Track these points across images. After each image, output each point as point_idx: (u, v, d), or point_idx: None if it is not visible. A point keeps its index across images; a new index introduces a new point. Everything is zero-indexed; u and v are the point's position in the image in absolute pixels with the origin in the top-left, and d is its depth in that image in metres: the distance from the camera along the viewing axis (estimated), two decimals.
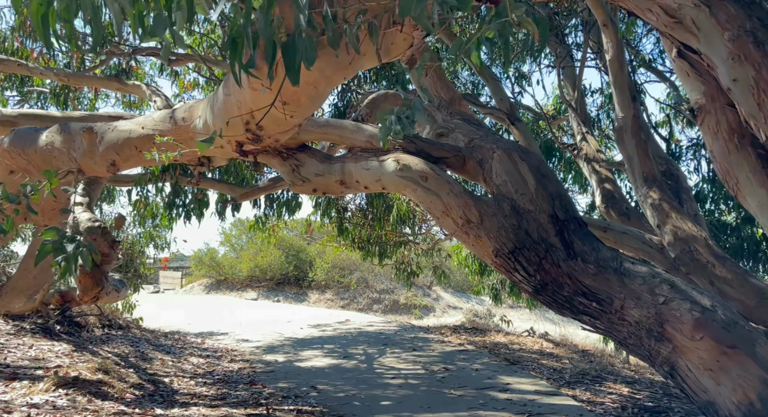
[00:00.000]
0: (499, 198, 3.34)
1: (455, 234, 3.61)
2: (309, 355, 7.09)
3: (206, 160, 5.37)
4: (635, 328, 2.81)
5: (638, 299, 2.84)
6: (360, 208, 9.92)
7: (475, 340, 8.06)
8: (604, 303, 2.96)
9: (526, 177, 3.56)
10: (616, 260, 3.07)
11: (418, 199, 3.56)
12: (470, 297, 24.67)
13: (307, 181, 4.58)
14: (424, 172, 3.52)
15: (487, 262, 3.58)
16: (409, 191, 3.55)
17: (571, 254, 3.15)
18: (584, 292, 3.07)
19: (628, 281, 2.96)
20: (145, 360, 6.15)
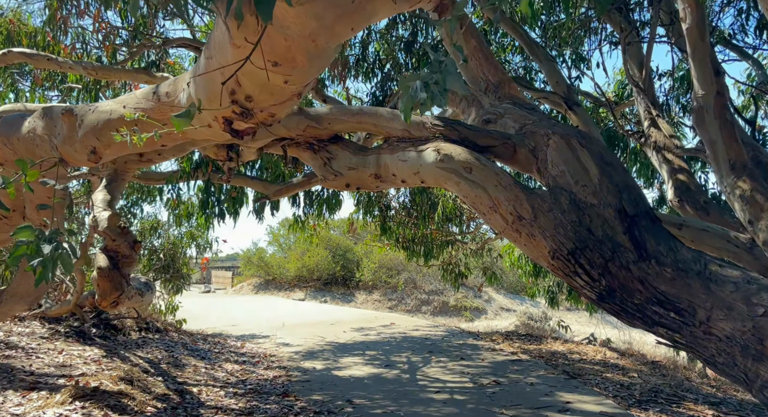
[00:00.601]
0: (555, 191, 2.93)
1: (504, 232, 3.05)
2: (349, 363, 6.72)
3: (234, 154, 5.11)
4: (726, 345, 2.31)
5: (729, 310, 2.34)
6: (403, 206, 9.49)
7: (530, 349, 7.45)
8: (686, 313, 2.45)
9: (588, 166, 3.05)
10: (699, 262, 2.54)
11: (462, 194, 3.18)
12: (524, 299, 23.75)
13: (339, 175, 4.21)
14: (468, 162, 3.17)
15: (542, 264, 3.01)
16: (451, 184, 3.21)
17: (643, 255, 2.60)
18: (660, 300, 2.55)
19: (716, 288, 2.45)
20: (177, 367, 5.94)
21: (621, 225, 2.67)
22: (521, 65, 8.32)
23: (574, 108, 5.61)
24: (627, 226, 2.66)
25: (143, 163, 4.81)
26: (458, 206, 8.96)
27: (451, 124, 3.93)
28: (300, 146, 4.50)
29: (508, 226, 2.98)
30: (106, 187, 4.74)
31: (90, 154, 2.21)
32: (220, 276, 36.33)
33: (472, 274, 10.98)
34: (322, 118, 4.17)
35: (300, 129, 4.16)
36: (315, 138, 4.30)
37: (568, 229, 2.69)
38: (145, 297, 4.87)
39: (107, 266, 4.27)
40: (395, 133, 4.02)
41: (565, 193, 2.87)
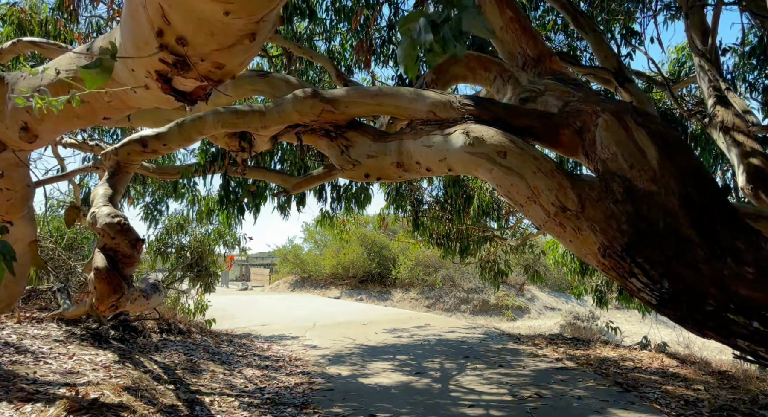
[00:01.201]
0: (606, 177, 2.55)
1: (545, 226, 2.69)
2: (377, 369, 6.30)
3: (247, 144, 4.77)
4: None
5: None
6: (437, 200, 8.99)
7: (576, 355, 6.84)
8: None
9: (645, 147, 2.61)
10: None
11: (496, 182, 2.86)
12: (570, 297, 22.83)
13: (357, 164, 3.86)
14: (502, 145, 2.81)
15: (590, 262, 2.58)
16: (483, 172, 2.87)
17: (717, 252, 2.19)
18: (740, 307, 2.12)
19: None
20: (194, 372, 5.65)
21: (687, 216, 2.25)
22: (565, 43, 7.68)
23: (626, 85, 5.00)
24: (695, 217, 2.26)
25: (147, 154, 4.51)
26: (496, 199, 8.40)
27: (482, 102, 3.48)
28: (315, 133, 4.12)
29: (549, 219, 2.62)
30: (108, 181, 4.46)
31: (21, 131, 1.85)
32: (258, 273, 36.68)
33: (512, 272, 10.38)
34: (338, 101, 3.75)
35: (314, 114, 3.76)
36: (331, 123, 3.92)
37: (622, 221, 2.31)
38: (151, 299, 4.56)
39: (105, 267, 3.95)
40: (419, 116, 3.60)
41: (618, 179, 2.48)
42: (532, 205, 2.68)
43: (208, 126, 4.21)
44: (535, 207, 2.66)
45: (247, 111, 4.06)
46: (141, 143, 4.50)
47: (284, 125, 4.03)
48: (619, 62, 5.16)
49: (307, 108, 3.71)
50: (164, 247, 10.05)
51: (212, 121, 4.14)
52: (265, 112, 3.99)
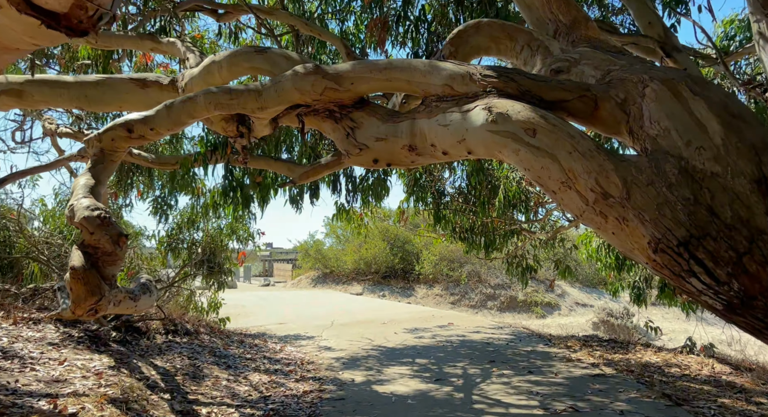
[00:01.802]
0: (657, 156, 2.19)
1: (583, 216, 2.33)
2: (394, 374, 5.85)
3: (245, 129, 4.36)
4: None
5: None
6: (459, 191, 8.47)
7: (615, 359, 6.27)
8: None
9: (705, 120, 2.22)
10: None
11: (523, 166, 2.51)
12: (602, 292, 22.03)
13: (365, 148, 3.54)
14: (531, 122, 2.46)
15: (637, 259, 2.20)
16: (508, 153, 2.53)
17: None
18: None
19: None
20: (195, 378, 5.29)
21: (762, 202, 1.89)
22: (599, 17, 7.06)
23: (673, 55, 4.43)
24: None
25: (134, 140, 4.10)
26: (523, 189, 7.84)
27: (507, 73, 3.01)
28: (318, 114, 3.71)
29: (588, 208, 2.26)
30: (90, 170, 4.07)
31: None
32: (282, 269, 36.67)
33: (541, 267, 9.80)
34: (342, 77, 3.30)
35: (316, 92, 3.33)
36: (335, 103, 3.51)
37: (679, 209, 1.97)
38: (139, 301, 4.18)
39: (81, 266, 3.55)
40: (434, 91, 3.16)
41: (671, 159, 2.13)
42: (567, 191, 2.32)
43: (200, 108, 3.79)
44: (571, 194, 2.30)
45: (241, 90, 3.62)
46: (126, 128, 4.09)
47: (284, 106, 3.62)
48: (665, 29, 4.58)
49: (308, 85, 3.30)
50: (175, 242, 9.77)
51: (204, 103, 3.71)
52: (261, 92, 3.56)
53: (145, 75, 4.76)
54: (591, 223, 2.43)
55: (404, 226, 12.91)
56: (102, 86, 4.58)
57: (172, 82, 4.69)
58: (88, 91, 4.55)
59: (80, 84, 4.54)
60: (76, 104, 4.52)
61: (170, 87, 4.68)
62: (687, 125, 2.18)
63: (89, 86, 4.56)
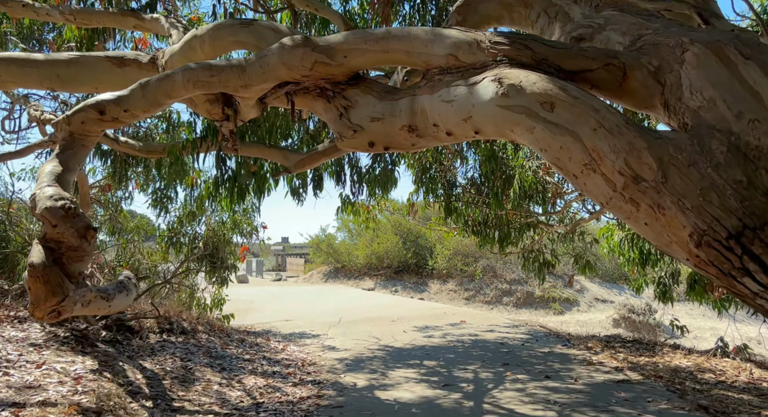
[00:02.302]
0: (700, 133, 1.86)
1: (609, 204, 2.02)
2: (399, 378, 5.46)
3: (231, 111, 3.97)
4: None
5: None
6: (471, 182, 8.03)
7: (640, 362, 5.81)
8: None
9: (760, 87, 1.87)
10: None
11: (539, 146, 2.21)
12: (622, 288, 21.43)
13: (359, 130, 3.04)
14: (548, 94, 2.14)
15: (675, 254, 1.87)
16: (522, 132, 2.24)
17: None
18: None
19: None
20: (185, 382, 4.96)
21: None
22: None
23: (711, 22, 3.93)
24: None
25: (106, 123, 3.72)
26: (540, 179, 7.37)
27: (520, 40, 2.65)
28: (309, 93, 3.34)
29: (615, 194, 1.98)
30: (58, 156, 3.71)
31: None
32: (294, 263, 36.50)
33: (560, 262, 9.33)
34: (334, 49, 2.90)
35: (306, 67, 2.94)
36: (328, 79, 3.13)
37: (728, 194, 1.67)
38: (114, 301, 3.82)
39: (41, 263, 3.18)
40: (436, 62, 2.82)
41: (718, 135, 1.83)
42: (591, 175, 2.02)
43: (178, 86, 3.40)
44: (595, 178, 2.01)
45: (223, 66, 3.22)
46: (97, 109, 3.70)
47: (270, 84, 3.23)
48: None
49: (297, 60, 2.92)
50: (176, 237, 9.47)
51: (182, 81, 3.32)
52: (245, 68, 3.16)
53: (122, 53, 4.38)
54: (619, 213, 2.01)
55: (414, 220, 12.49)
56: (75, 65, 4.22)
57: (152, 60, 4.30)
58: (59, 70, 4.19)
59: (51, 62, 4.18)
60: (48, 85, 4.17)
61: (150, 65, 4.30)
62: (737, 94, 1.86)
63: (61, 65, 4.20)
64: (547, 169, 7.48)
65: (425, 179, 8.04)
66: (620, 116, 2.18)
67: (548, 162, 2.43)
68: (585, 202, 8.07)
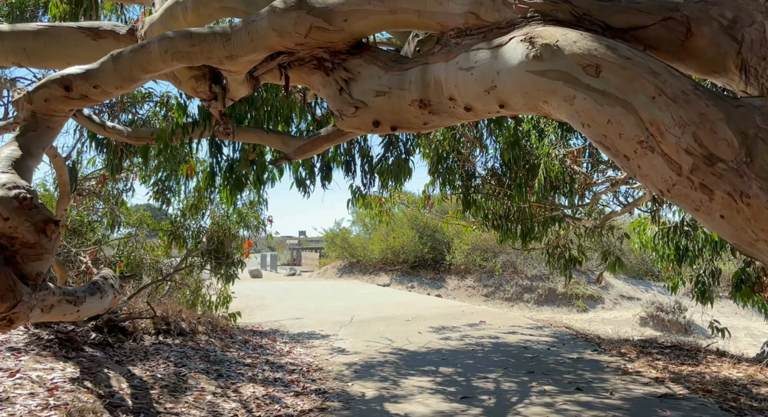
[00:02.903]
0: None
1: (671, 192, 1.59)
2: (412, 388, 5.00)
3: (219, 89, 3.52)
4: None
5: None
6: (492, 172, 7.49)
7: (683, 373, 5.25)
8: None
9: None
10: None
11: (580, 120, 1.78)
12: (650, 284, 20.69)
13: (362, 106, 2.59)
14: (593, 56, 1.71)
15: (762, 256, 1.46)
16: (558, 103, 1.81)
17: None
18: None
19: None
20: (175, 392, 4.54)
21: None
22: None
23: None
24: None
25: (74, 101, 3.27)
26: (567, 169, 6.81)
27: None
28: (305, 65, 2.89)
29: (681, 179, 1.56)
30: (18, 139, 3.28)
31: None
32: (310, 258, 36.22)
33: (587, 258, 8.75)
34: (333, 11, 2.42)
35: (300, 33, 2.52)
36: (326, 48, 2.74)
37: None
38: (83, 305, 3.39)
39: None
40: (453, 23, 2.37)
41: None
42: (648, 155, 1.64)
43: (154, 59, 2.94)
44: (653, 159, 1.63)
45: (204, 34, 2.76)
46: (63, 85, 3.25)
47: (260, 54, 2.78)
48: None
49: (290, 25, 2.54)
50: (179, 231, 9.09)
51: (159, 52, 2.87)
52: (230, 35, 2.70)
53: (97, 23, 3.93)
54: (684, 203, 1.62)
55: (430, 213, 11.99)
56: (44, 37, 3.77)
57: (130, 31, 3.84)
58: (26, 43, 3.75)
59: (17, 34, 3.74)
60: (13, 60, 3.74)
61: (129, 38, 3.83)
62: None
63: (28, 37, 3.76)
64: (574, 158, 6.92)
65: (441, 169, 7.52)
66: (687, 80, 1.71)
67: (592, 140, 1.97)
68: (616, 193, 7.48)
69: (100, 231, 9.49)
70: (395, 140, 6.88)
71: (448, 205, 10.65)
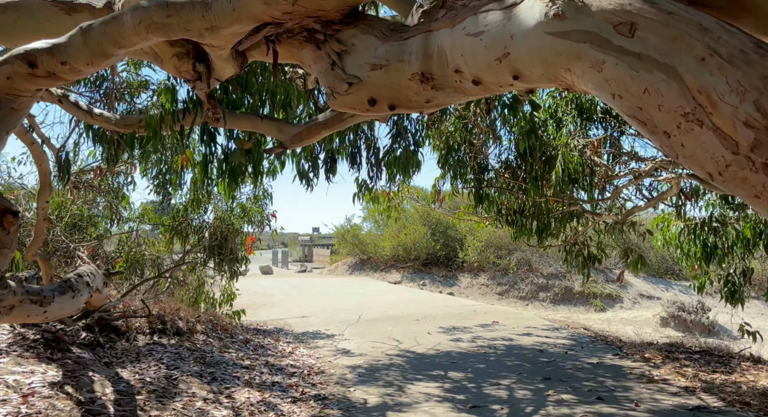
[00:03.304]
0: None
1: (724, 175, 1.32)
2: (417, 395, 4.66)
3: (204, 68, 3.19)
4: None
5: None
6: (506, 164, 7.12)
7: (716, 381, 4.86)
8: None
9: None
10: None
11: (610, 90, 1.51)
12: (670, 283, 20.13)
13: (356, 82, 2.34)
14: (626, 11, 1.47)
15: None
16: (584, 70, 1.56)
17: None
18: None
19: None
20: (164, 397, 4.26)
21: None
22: None
23: None
24: None
25: (40, 79, 2.97)
26: (587, 160, 6.41)
27: None
28: (294, 37, 2.63)
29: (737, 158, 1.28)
30: None
31: None
32: (321, 254, 36.00)
33: (607, 256, 8.35)
34: None
35: (287, 0, 2.08)
36: (316, 17, 2.54)
37: None
38: (52, 305, 3.11)
39: None
40: None
41: None
42: (694, 130, 1.34)
43: (128, 31, 2.64)
44: (702, 134, 1.33)
45: (182, 3, 2.43)
46: (26, 61, 2.94)
47: (244, 26, 2.47)
48: None
49: None
50: (181, 226, 8.83)
51: (132, 23, 2.56)
52: (210, 4, 2.38)
53: None
54: (741, 188, 1.35)
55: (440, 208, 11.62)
56: (13, 11, 3.47)
57: (108, 5, 3.51)
58: None
59: None
60: None
61: (106, 12, 3.51)
62: None
63: None
64: (594, 149, 6.51)
65: (452, 162, 7.16)
66: (746, 37, 1.40)
67: (625, 115, 1.66)
68: (640, 187, 7.06)
69: (102, 226, 9.28)
70: (403, 131, 6.53)
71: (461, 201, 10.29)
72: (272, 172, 6.36)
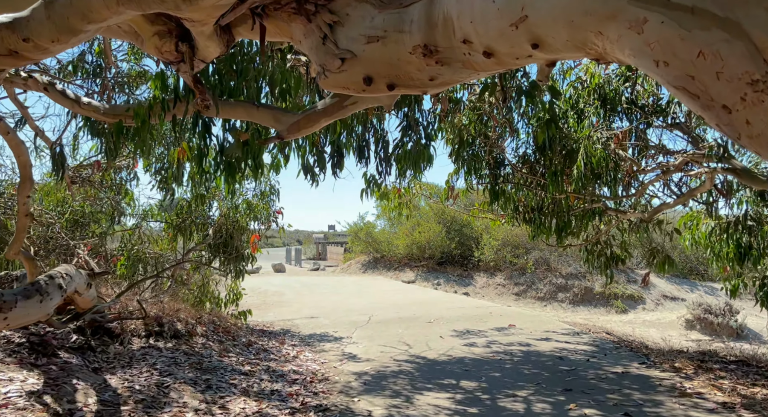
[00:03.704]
0: None
1: None
2: (426, 408, 4.33)
3: (186, 47, 2.87)
4: None
5: None
6: (524, 159, 6.73)
7: (757, 396, 4.44)
8: None
9: None
10: None
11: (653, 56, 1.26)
12: (695, 284, 19.50)
13: (350, 57, 2.05)
14: None
15: None
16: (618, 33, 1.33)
17: None
18: None
19: None
20: (152, 407, 3.97)
21: None
22: None
23: None
24: None
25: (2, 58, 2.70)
26: (611, 154, 6.00)
27: None
28: (282, 9, 2.33)
29: None
30: None
31: None
32: (335, 252, 35.83)
33: (631, 256, 7.92)
34: None
35: None
36: None
37: None
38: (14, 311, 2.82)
39: None
40: None
41: None
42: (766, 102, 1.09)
43: (97, 5, 2.33)
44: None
45: None
46: None
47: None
48: None
49: None
50: (184, 223, 8.58)
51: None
52: None
53: None
54: None
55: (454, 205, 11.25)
56: None
57: None
58: None
59: None
60: None
61: None
62: None
63: None
64: (619, 141, 6.10)
65: (466, 156, 6.79)
66: None
67: (670, 86, 1.33)
68: (668, 182, 6.63)
69: (105, 222, 9.06)
70: (414, 124, 6.18)
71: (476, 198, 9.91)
72: (275, 167, 6.05)
